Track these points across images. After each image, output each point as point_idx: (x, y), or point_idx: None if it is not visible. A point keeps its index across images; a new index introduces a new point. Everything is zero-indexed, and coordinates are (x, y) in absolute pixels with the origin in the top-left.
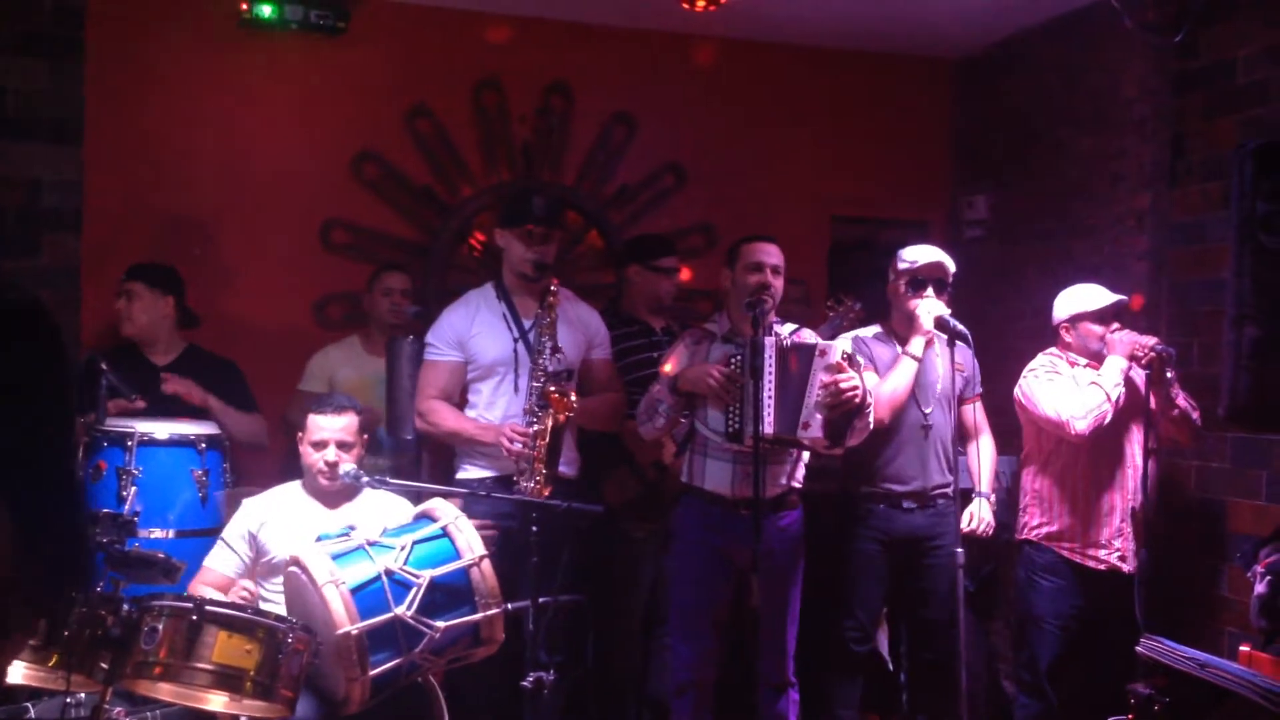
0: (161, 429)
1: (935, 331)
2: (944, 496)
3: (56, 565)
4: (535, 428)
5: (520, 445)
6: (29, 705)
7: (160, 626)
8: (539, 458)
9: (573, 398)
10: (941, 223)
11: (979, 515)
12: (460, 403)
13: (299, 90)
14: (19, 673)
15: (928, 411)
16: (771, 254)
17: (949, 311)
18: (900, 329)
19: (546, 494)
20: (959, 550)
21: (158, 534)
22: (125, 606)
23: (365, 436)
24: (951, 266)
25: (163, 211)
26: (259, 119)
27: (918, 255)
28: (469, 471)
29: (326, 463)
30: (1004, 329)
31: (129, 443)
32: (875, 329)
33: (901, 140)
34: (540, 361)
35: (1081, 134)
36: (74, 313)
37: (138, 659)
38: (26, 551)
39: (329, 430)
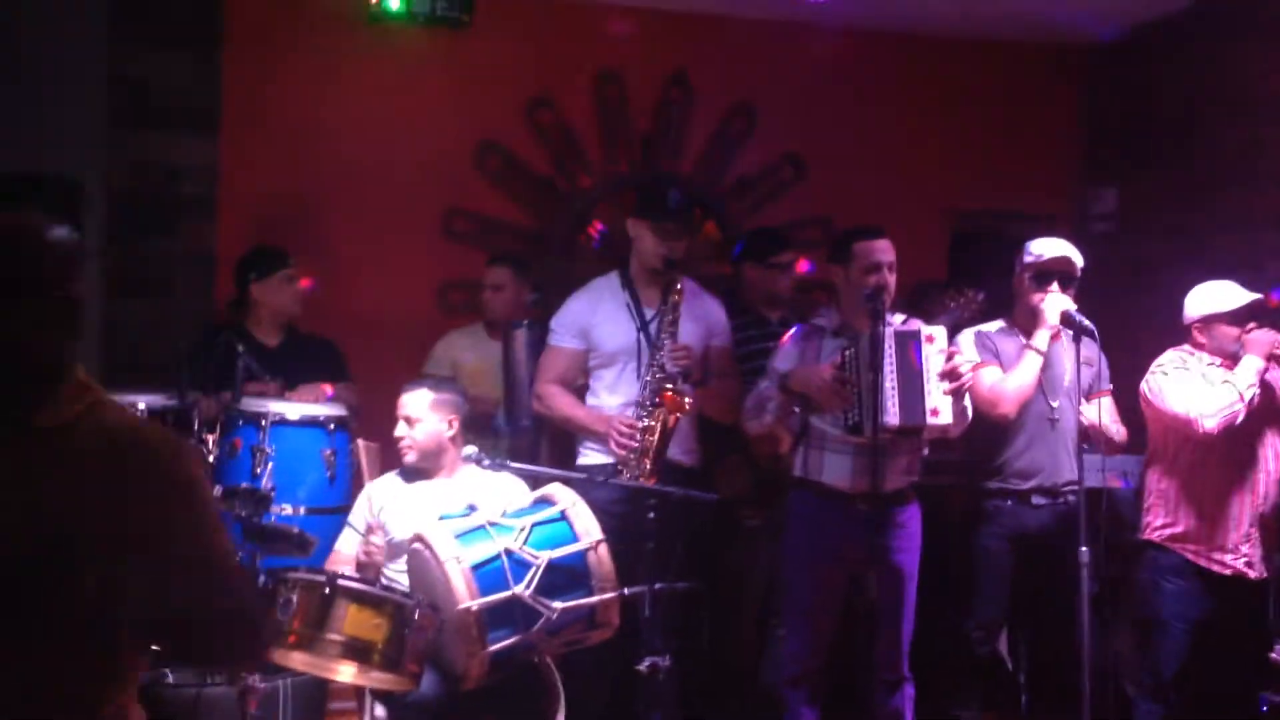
0: (293, 409)
1: (1061, 327)
2: (1073, 492)
3: None
4: (646, 423)
5: (628, 438)
6: (168, 670)
7: (294, 598)
8: (646, 453)
9: (688, 401)
10: (1068, 216)
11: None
12: (582, 388)
13: (424, 81)
14: None
15: (1055, 405)
16: (886, 250)
17: (1075, 307)
18: (1025, 323)
19: (651, 485)
20: (1085, 550)
21: (289, 510)
22: (261, 578)
23: (454, 417)
24: (1079, 261)
25: (294, 200)
26: (386, 109)
27: (1045, 248)
28: (589, 457)
29: (397, 438)
30: (1132, 326)
31: (263, 422)
32: (999, 323)
33: (1028, 131)
34: (658, 358)
35: (1220, 125)
36: (209, 296)
37: (272, 628)
38: None
39: (401, 408)
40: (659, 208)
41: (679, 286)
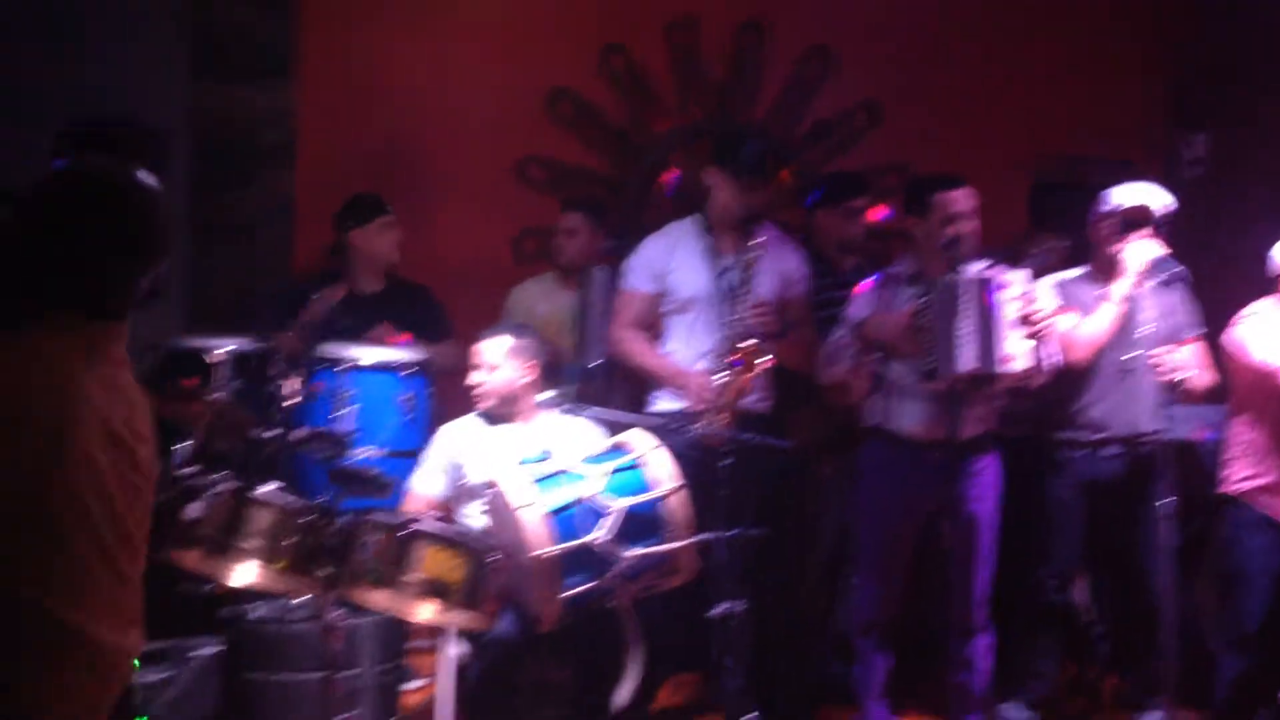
0: (369, 354)
1: (1144, 274)
2: (1151, 443)
3: None
4: (723, 379)
5: (710, 397)
6: (254, 606)
7: (375, 539)
8: (723, 407)
9: (766, 359)
10: (1155, 162)
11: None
12: (657, 333)
13: (498, 27)
14: (248, 575)
15: (1131, 355)
16: (966, 199)
17: (1162, 254)
18: (1107, 271)
19: (718, 442)
20: (1168, 501)
21: (368, 453)
22: (343, 518)
23: (533, 363)
24: (1162, 206)
25: (370, 147)
26: (460, 56)
27: (1123, 196)
28: (662, 403)
29: (474, 384)
30: (1221, 275)
31: (341, 366)
32: (1081, 270)
33: (1113, 74)
34: (736, 313)
35: None
36: (289, 243)
37: (354, 568)
38: None
39: (479, 354)
40: (738, 159)
41: (760, 240)
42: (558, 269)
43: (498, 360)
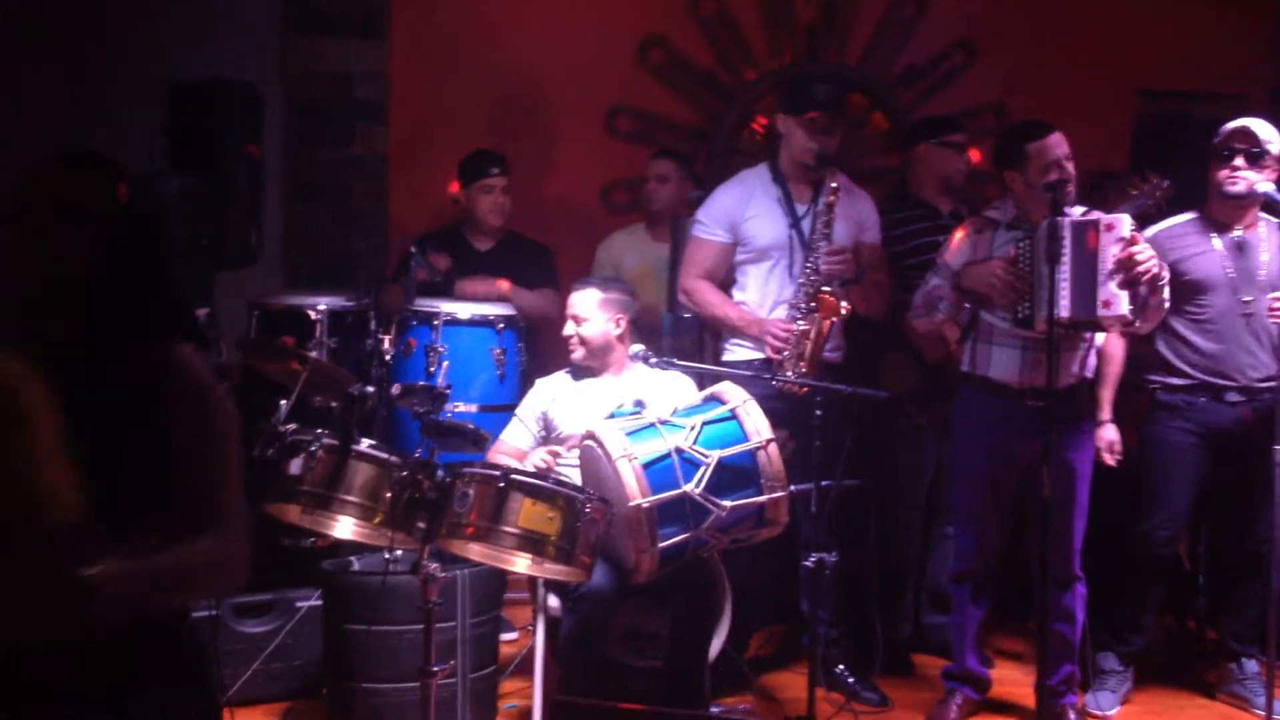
0: (464, 309)
1: (1264, 214)
2: (1271, 390)
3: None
4: (801, 326)
5: (783, 342)
6: (353, 559)
7: (471, 492)
8: (802, 356)
9: (845, 305)
10: (1264, 96)
11: None
12: (728, 283)
13: None
14: (347, 529)
15: (1248, 300)
16: (1060, 145)
17: (1275, 188)
18: (1217, 213)
19: (804, 392)
20: (1278, 448)
21: (461, 407)
22: (439, 472)
23: (622, 316)
24: (1266, 132)
25: (462, 102)
26: (551, 7)
27: (1234, 125)
28: (735, 353)
29: (565, 336)
30: None
31: (435, 322)
32: (1190, 215)
33: (1214, 5)
34: (813, 260)
35: None
36: (384, 200)
37: (451, 520)
38: None
39: (570, 306)
40: (806, 100)
41: (834, 186)
42: (649, 216)
43: (588, 312)
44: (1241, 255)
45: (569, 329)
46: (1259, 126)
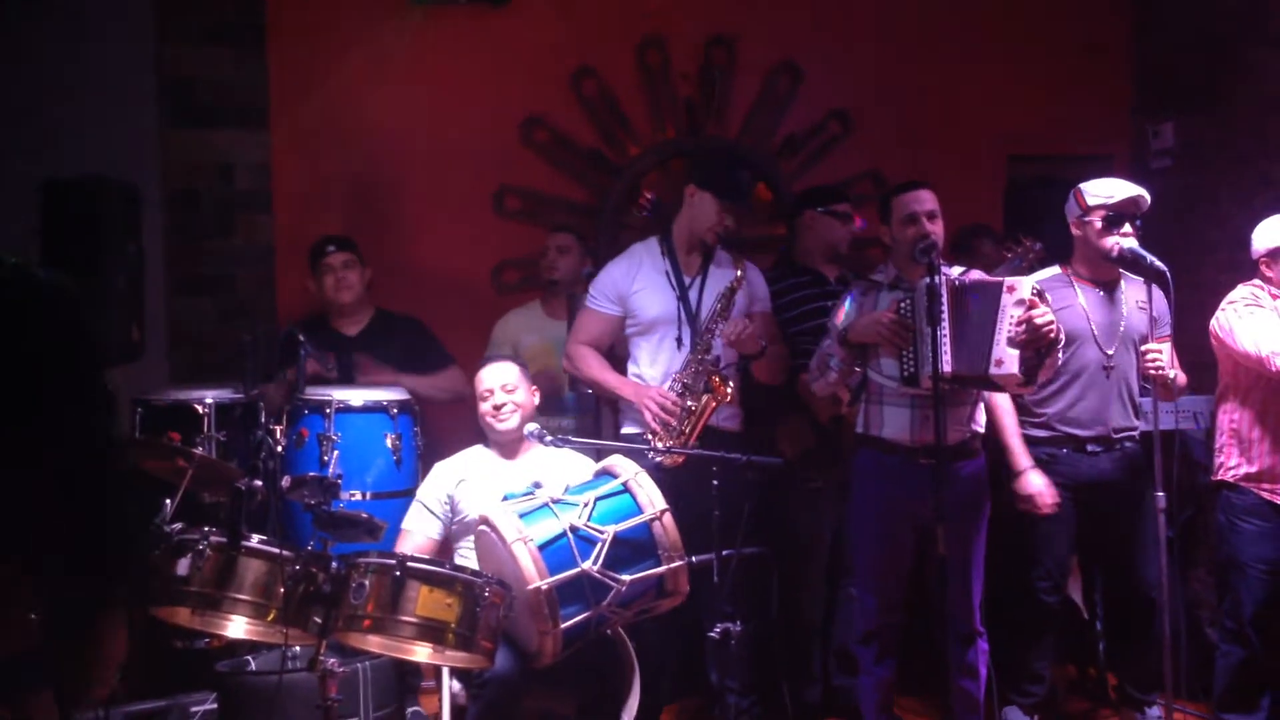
0: (357, 396)
1: (1124, 271)
2: (1130, 440)
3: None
4: (690, 404)
5: (668, 414)
6: (250, 658)
7: (367, 582)
8: (686, 433)
9: (730, 386)
10: (1125, 155)
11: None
12: (622, 355)
13: (468, 61)
14: (240, 628)
15: (1110, 353)
16: (924, 200)
17: (1138, 247)
18: (1084, 270)
19: (680, 463)
20: (1161, 495)
21: (356, 496)
22: (334, 564)
23: (535, 388)
24: (1147, 199)
25: (346, 188)
26: (432, 91)
27: (1113, 190)
28: (631, 429)
29: (494, 405)
30: (1196, 262)
31: (327, 410)
32: (1055, 270)
33: (1079, 70)
34: (710, 341)
35: (1278, 54)
36: (270, 289)
37: (347, 613)
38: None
39: (490, 380)
40: (731, 187)
41: (739, 274)
42: (545, 293)
43: (517, 382)
44: (1104, 310)
45: (499, 399)
46: (1141, 191)
